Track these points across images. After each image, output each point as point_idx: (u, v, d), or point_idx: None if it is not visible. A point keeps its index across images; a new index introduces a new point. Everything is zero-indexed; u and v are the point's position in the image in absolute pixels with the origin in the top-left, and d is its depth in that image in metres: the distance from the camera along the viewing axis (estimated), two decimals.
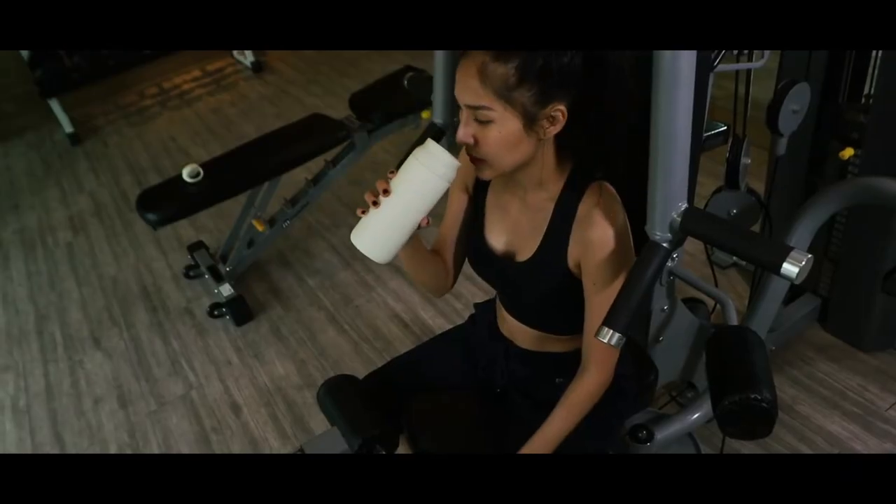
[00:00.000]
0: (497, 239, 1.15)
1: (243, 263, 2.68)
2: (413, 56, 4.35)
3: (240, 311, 2.48)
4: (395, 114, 2.68)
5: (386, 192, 0.97)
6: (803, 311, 1.98)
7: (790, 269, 0.82)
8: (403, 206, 0.97)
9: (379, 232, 0.99)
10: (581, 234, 1.02)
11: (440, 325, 2.31)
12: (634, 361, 1.34)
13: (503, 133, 0.95)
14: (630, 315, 0.90)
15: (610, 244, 1.00)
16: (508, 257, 1.14)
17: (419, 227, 1.01)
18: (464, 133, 0.97)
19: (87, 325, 2.65)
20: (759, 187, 1.91)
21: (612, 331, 0.93)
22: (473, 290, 2.40)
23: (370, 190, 0.99)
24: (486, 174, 1.02)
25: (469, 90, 0.94)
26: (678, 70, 0.88)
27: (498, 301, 1.28)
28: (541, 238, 1.08)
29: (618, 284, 0.99)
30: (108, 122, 4.43)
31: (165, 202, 2.35)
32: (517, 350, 1.25)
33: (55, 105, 4.10)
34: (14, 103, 4.53)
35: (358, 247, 0.99)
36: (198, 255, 2.75)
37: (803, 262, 0.82)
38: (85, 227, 3.33)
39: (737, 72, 1.49)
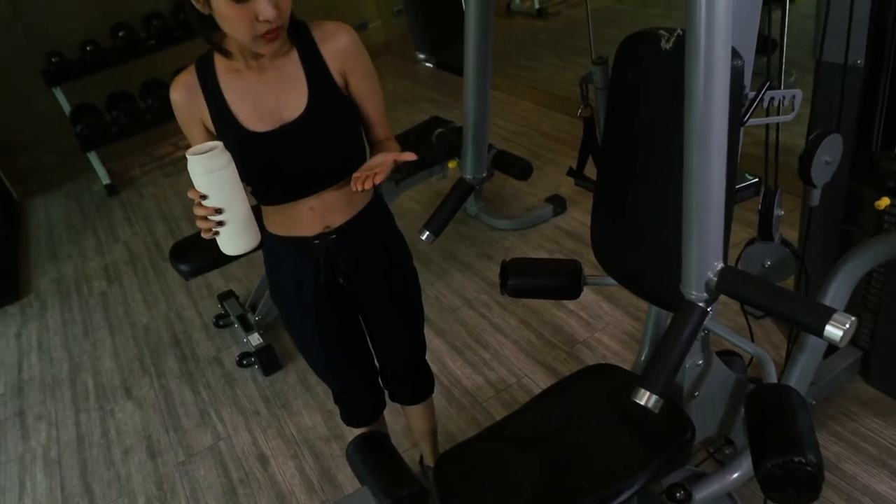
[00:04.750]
0: (262, 122, 1.23)
1: (272, 313, 2.70)
2: (439, 106, 4.45)
3: (268, 360, 2.49)
4: (423, 164, 2.72)
5: (218, 210, 1.10)
6: (844, 362, 1.91)
7: (834, 332, 0.80)
8: (235, 204, 1.11)
9: (242, 232, 1.16)
10: (329, 47, 1.22)
11: (468, 374, 2.29)
12: (669, 419, 1.30)
13: None
14: (669, 378, 0.88)
15: (350, 33, 1.24)
16: (285, 124, 1.22)
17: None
18: (270, 10, 1.06)
19: (118, 374, 2.68)
20: (791, 233, 1.88)
21: (649, 393, 0.90)
22: (500, 339, 2.38)
23: (203, 218, 1.11)
24: (277, 43, 1.14)
25: None
26: (711, 113, 0.87)
27: (292, 205, 1.33)
28: (305, 82, 1.22)
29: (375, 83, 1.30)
30: (144, 173, 4.57)
31: (197, 254, 2.39)
32: (332, 232, 1.36)
33: (94, 158, 4.26)
34: (56, 155, 4.70)
35: (237, 253, 1.18)
36: (228, 304, 2.78)
37: (847, 325, 0.79)
38: (119, 276, 3.40)
39: (767, 124, 1.48)
